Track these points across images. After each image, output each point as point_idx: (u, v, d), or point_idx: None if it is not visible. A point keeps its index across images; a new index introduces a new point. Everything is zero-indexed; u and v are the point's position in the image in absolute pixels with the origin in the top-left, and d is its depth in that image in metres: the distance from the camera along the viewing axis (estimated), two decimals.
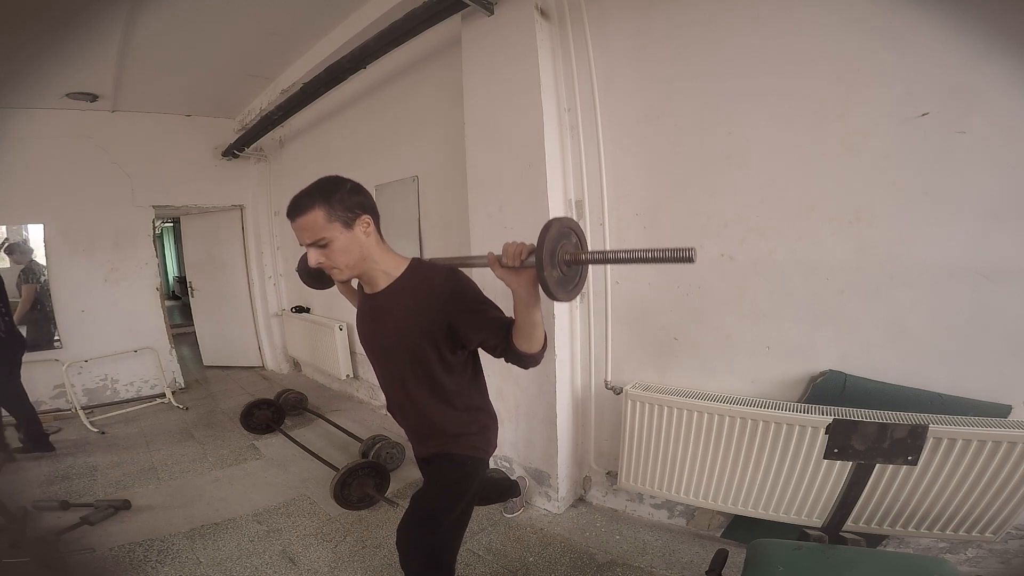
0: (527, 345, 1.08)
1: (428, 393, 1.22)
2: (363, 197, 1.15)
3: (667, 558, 1.87)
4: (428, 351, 1.16)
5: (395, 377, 1.26)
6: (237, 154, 4.42)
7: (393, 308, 1.18)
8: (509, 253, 1.00)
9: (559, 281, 0.98)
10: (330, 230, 1.09)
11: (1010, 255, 1.34)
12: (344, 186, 1.12)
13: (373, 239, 1.16)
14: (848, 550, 1.16)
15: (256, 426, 3.26)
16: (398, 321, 1.17)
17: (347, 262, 1.14)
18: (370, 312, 1.26)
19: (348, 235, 1.11)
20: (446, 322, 1.12)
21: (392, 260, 1.21)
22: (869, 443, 1.19)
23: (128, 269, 4.19)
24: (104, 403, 4.04)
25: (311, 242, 1.10)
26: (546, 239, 0.94)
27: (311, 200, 1.08)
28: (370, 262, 1.17)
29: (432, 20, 2.14)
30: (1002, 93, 1.29)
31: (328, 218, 1.08)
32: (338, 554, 1.96)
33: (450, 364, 1.20)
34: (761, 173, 1.69)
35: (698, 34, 1.75)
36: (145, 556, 1.97)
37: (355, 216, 1.12)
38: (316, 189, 1.10)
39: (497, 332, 1.12)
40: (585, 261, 1.02)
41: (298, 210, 1.09)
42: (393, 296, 1.19)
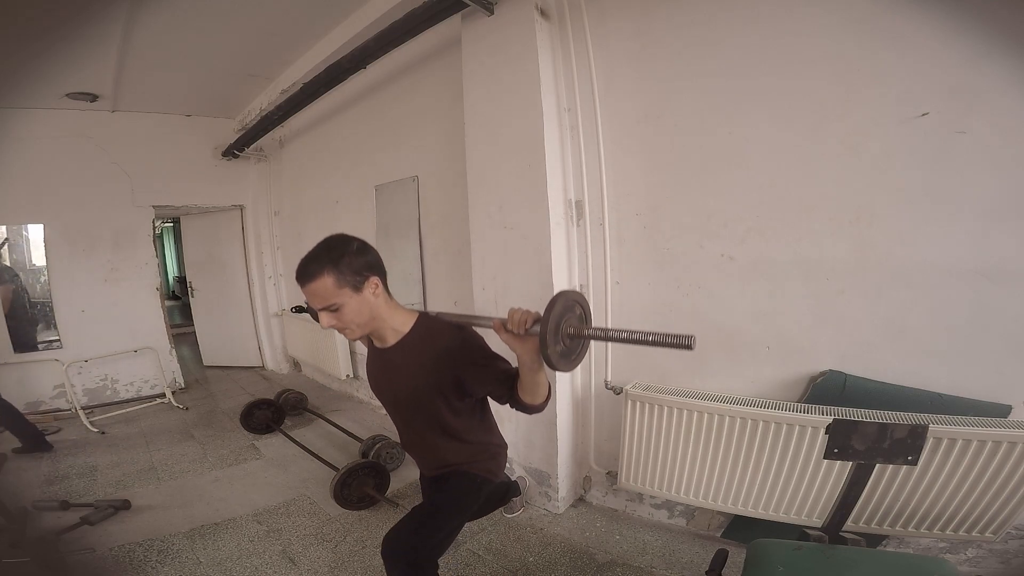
0: (531, 398, 1.15)
1: (439, 433, 1.30)
2: (370, 257, 1.16)
3: (667, 558, 1.87)
4: (437, 401, 1.23)
5: (406, 421, 1.35)
6: (237, 154, 4.42)
7: (403, 363, 1.23)
8: (514, 320, 1.03)
9: (562, 354, 1.02)
10: (340, 296, 1.10)
11: (1010, 255, 1.34)
12: (351, 248, 1.13)
13: (382, 298, 1.19)
14: (848, 550, 1.16)
15: (256, 426, 3.26)
16: (408, 376, 1.23)
17: (358, 323, 1.16)
18: (381, 365, 1.31)
19: (358, 298, 1.13)
20: (454, 376, 1.19)
21: (400, 316, 1.24)
22: (869, 443, 1.19)
23: (128, 269, 4.19)
24: (104, 403, 4.04)
25: (322, 307, 1.12)
26: (551, 315, 0.96)
27: (319, 266, 1.09)
28: (380, 320, 1.20)
29: (432, 20, 2.14)
30: (1002, 93, 1.29)
31: (338, 284, 1.09)
32: (338, 554, 1.96)
33: (458, 409, 1.27)
34: (761, 173, 1.69)
35: (698, 34, 1.76)
36: (145, 556, 1.97)
37: (364, 279, 1.13)
38: (323, 253, 1.10)
39: (502, 384, 1.18)
40: (587, 337, 1.04)
41: (307, 277, 1.10)
42: (403, 352, 1.24)
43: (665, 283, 1.95)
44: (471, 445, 1.34)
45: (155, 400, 4.09)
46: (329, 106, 3.63)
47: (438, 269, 2.92)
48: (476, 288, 2.32)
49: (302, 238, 4.49)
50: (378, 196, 3.35)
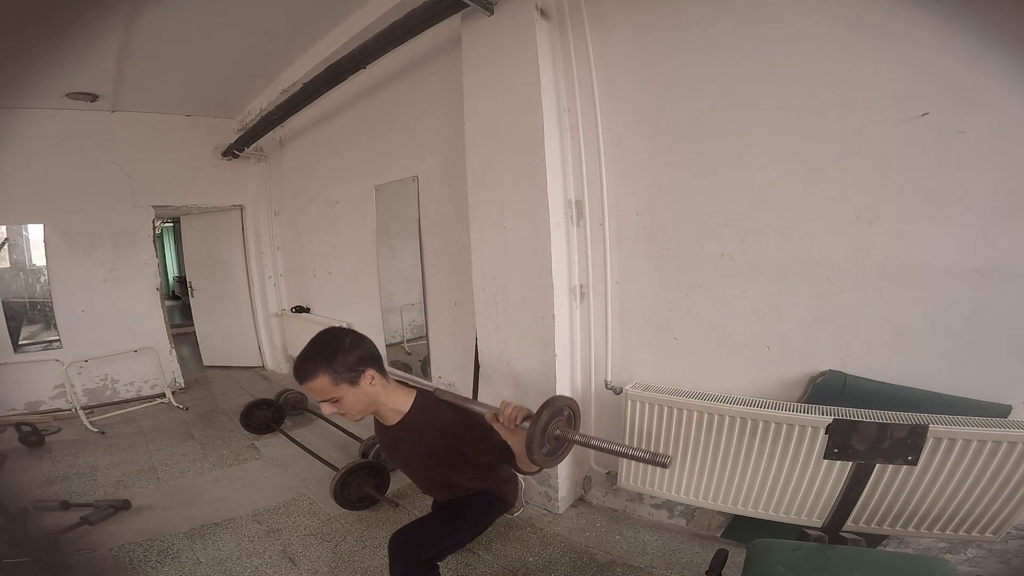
0: (526, 468, 1.26)
1: (453, 487, 1.47)
2: (362, 350, 1.24)
3: (667, 558, 1.87)
4: (446, 468, 1.39)
5: (421, 479, 1.53)
6: (237, 154, 4.42)
7: (408, 439, 1.36)
8: (505, 415, 1.15)
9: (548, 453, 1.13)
10: (338, 391, 1.20)
11: (1010, 255, 1.34)
12: (343, 345, 1.21)
13: (379, 386, 1.28)
14: (848, 550, 1.16)
15: (256, 426, 3.26)
16: (416, 452, 1.39)
17: (358, 409, 1.27)
18: (389, 440, 1.42)
19: (356, 391, 1.23)
20: (458, 452, 1.32)
21: (398, 398, 1.34)
22: (869, 443, 1.19)
23: (128, 269, 4.19)
24: (104, 403, 4.04)
25: (322, 400, 1.22)
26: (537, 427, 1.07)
27: (314, 367, 1.17)
28: (379, 404, 1.31)
29: (432, 20, 2.14)
30: (1002, 93, 1.29)
31: (333, 382, 1.18)
32: (338, 554, 1.96)
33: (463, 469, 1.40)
34: (761, 173, 1.69)
35: (698, 34, 1.75)
36: (145, 556, 1.97)
37: (359, 373, 1.22)
38: (317, 354, 1.19)
39: (501, 455, 1.28)
40: (571, 441, 1.13)
41: (304, 376, 1.18)
42: (407, 429, 1.35)
43: (665, 283, 1.95)
44: (485, 480, 1.48)
45: (155, 400, 4.09)
46: (329, 106, 3.63)
47: (438, 269, 2.92)
48: (476, 288, 2.32)
49: (302, 238, 4.50)
50: (378, 196, 3.35)
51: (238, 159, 4.55)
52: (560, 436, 1.13)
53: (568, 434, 1.13)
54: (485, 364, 2.37)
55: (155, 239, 4.44)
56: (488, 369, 2.36)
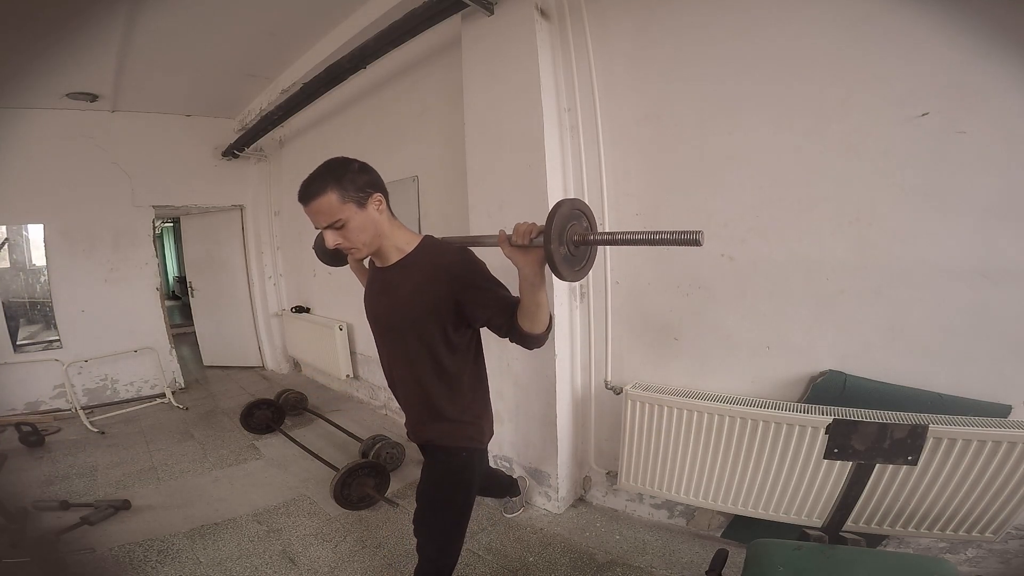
0: (531, 325, 1.10)
1: (430, 371, 1.24)
2: (372, 176, 1.18)
3: (667, 558, 1.87)
4: (434, 327, 1.18)
5: (398, 353, 1.28)
6: (237, 154, 4.42)
7: (402, 282, 1.21)
8: (519, 232, 1.04)
9: (565, 259, 1.01)
10: (345, 211, 1.12)
11: (1010, 255, 1.34)
12: (352, 166, 1.14)
13: (385, 216, 1.20)
14: (848, 550, 1.16)
15: (256, 426, 3.26)
16: (406, 295, 1.19)
17: (364, 240, 1.17)
18: (379, 285, 1.29)
19: (363, 214, 1.14)
20: (453, 299, 1.15)
21: (404, 236, 1.24)
22: (869, 443, 1.19)
23: (128, 269, 4.19)
24: (104, 403, 4.04)
25: (327, 224, 1.12)
26: (556, 216, 0.96)
27: (323, 183, 1.10)
28: (384, 238, 1.21)
29: (432, 20, 2.14)
30: (1002, 93, 1.29)
31: (341, 199, 1.11)
32: (338, 554, 1.96)
33: (454, 344, 1.22)
34: (761, 173, 1.69)
35: (698, 34, 1.75)
36: (145, 556, 1.97)
37: (367, 195, 1.15)
38: (327, 171, 1.12)
39: (503, 311, 1.13)
40: (593, 242, 1.04)
41: (310, 194, 1.11)
42: (403, 270, 1.22)
43: (665, 283, 1.95)
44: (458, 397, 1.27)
45: (155, 400, 4.09)
46: (329, 106, 3.63)
47: None
48: None
49: (302, 238, 4.49)
50: None
51: (238, 159, 4.54)
52: (580, 240, 1.02)
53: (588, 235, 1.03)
54: None
55: (155, 239, 4.43)
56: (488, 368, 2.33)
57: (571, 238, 1.01)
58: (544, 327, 1.13)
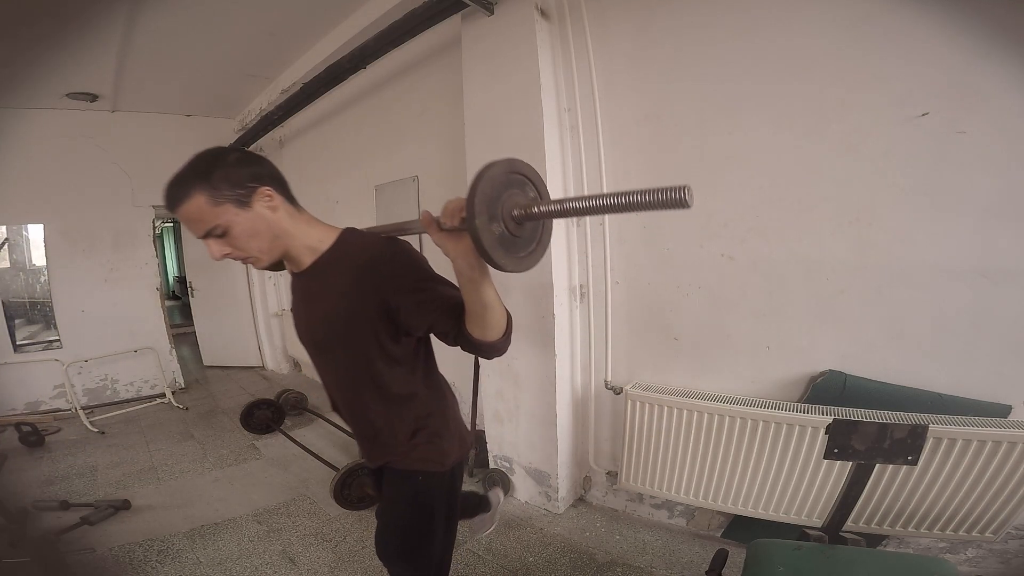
0: (481, 331, 0.88)
1: (370, 390, 1.03)
2: (256, 166, 0.93)
3: (667, 558, 1.87)
4: (365, 340, 0.97)
5: (332, 371, 1.09)
6: None
7: (321, 290, 0.99)
8: (448, 211, 0.77)
9: (502, 241, 0.73)
10: (221, 215, 0.88)
11: (1010, 255, 1.34)
12: (226, 159, 0.90)
13: (283, 212, 0.95)
14: (848, 550, 1.16)
15: (256, 426, 3.26)
16: (328, 305, 0.97)
17: (259, 247, 0.94)
18: (298, 295, 1.08)
19: (248, 215, 0.90)
20: (384, 304, 0.92)
21: (316, 232, 1.00)
22: (869, 443, 1.19)
23: (128, 269, 4.19)
24: (104, 403, 4.04)
25: (204, 234, 0.90)
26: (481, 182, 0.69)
27: (186, 185, 0.87)
28: (288, 239, 0.97)
29: (432, 20, 2.14)
30: (1002, 93, 1.29)
31: (213, 201, 0.86)
32: (338, 554, 1.96)
33: (394, 356, 1.00)
34: (761, 173, 1.69)
35: (698, 34, 1.75)
36: (145, 556, 1.97)
37: (250, 191, 0.90)
38: (190, 169, 0.88)
39: (447, 315, 0.91)
40: (542, 214, 0.74)
41: (174, 199, 0.88)
42: (319, 275, 0.99)
43: (665, 283, 1.95)
44: (408, 419, 1.06)
45: (155, 400, 4.09)
46: (329, 106, 3.63)
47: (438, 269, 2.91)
48: None
49: None
50: (378, 196, 3.34)
51: None
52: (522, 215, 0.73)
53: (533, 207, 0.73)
54: (485, 364, 2.37)
55: (155, 239, 4.44)
56: (488, 368, 2.36)
57: (509, 212, 0.74)
58: (499, 332, 0.91)
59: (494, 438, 2.41)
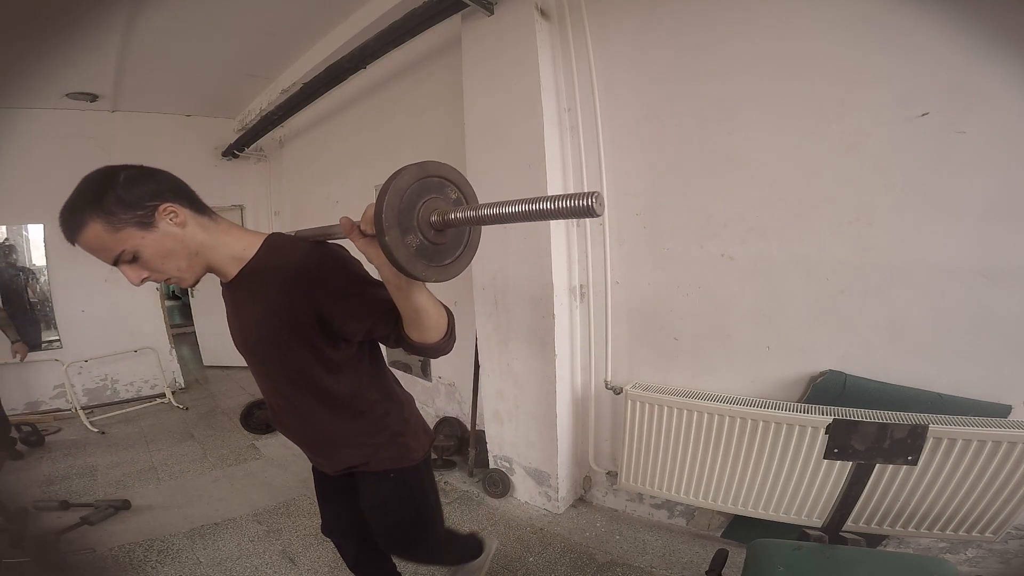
0: (419, 335, 0.84)
1: (314, 400, 1.00)
2: (151, 183, 0.86)
3: (667, 558, 1.87)
4: (301, 350, 0.93)
5: (270, 383, 1.05)
6: (237, 154, 4.42)
7: (248, 300, 0.95)
8: (367, 218, 0.71)
9: (421, 251, 0.68)
10: (125, 240, 0.82)
11: (1010, 255, 1.34)
12: (116, 179, 0.83)
13: (194, 225, 0.89)
14: (848, 550, 1.16)
15: (256, 426, 3.26)
16: (256, 315, 0.93)
17: (176, 266, 0.88)
18: (229, 305, 1.04)
19: (155, 236, 0.84)
20: (315, 313, 0.88)
21: (238, 241, 0.95)
22: (869, 443, 1.19)
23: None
24: (104, 403, 4.04)
25: (112, 261, 0.84)
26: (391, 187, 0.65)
27: (78, 214, 0.81)
28: (207, 252, 0.92)
29: (432, 20, 2.14)
30: (1002, 93, 1.29)
31: (111, 227, 0.81)
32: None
33: (334, 362, 0.96)
34: (761, 173, 1.69)
35: (699, 34, 1.75)
36: (145, 556, 1.97)
37: (150, 210, 0.84)
38: (78, 196, 0.82)
39: (383, 319, 0.87)
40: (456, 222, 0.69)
41: (70, 231, 0.82)
42: (247, 285, 0.95)
43: (665, 283, 1.95)
44: (360, 422, 1.04)
45: (155, 400, 4.09)
46: (329, 106, 3.63)
47: None
48: (476, 288, 2.32)
49: None
50: None
51: (238, 159, 4.55)
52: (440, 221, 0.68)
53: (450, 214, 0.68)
54: (485, 364, 2.37)
55: None
56: (488, 369, 2.36)
57: (427, 219, 0.69)
58: (439, 334, 0.85)
59: (494, 438, 2.41)
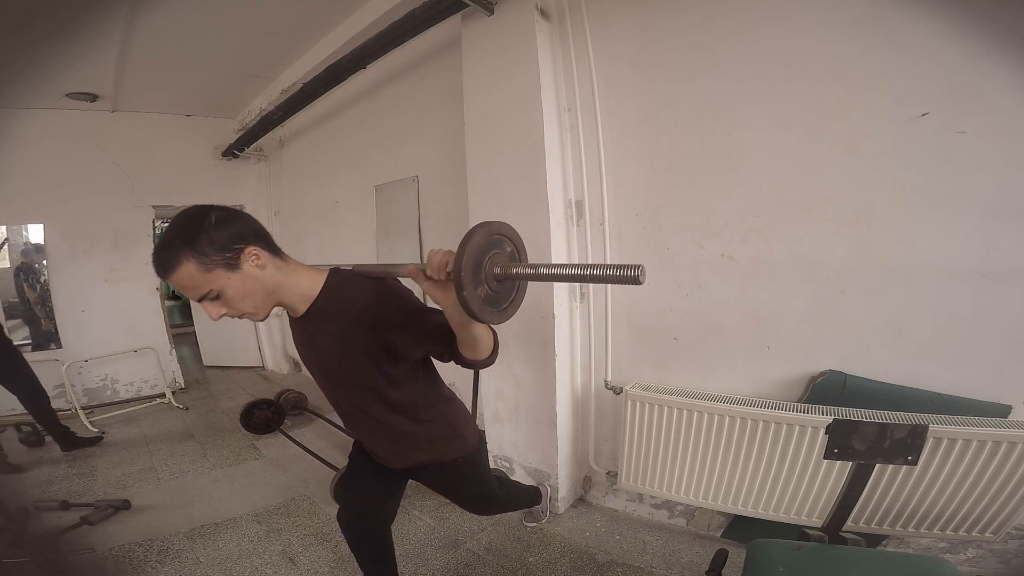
0: (472, 354, 1.01)
1: (383, 408, 1.14)
2: (238, 225, 0.95)
3: (667, 558, 1.87)
4: (369, 372, 1.06)
5: (345, 399, 1.18)
6: (237, 154, 4.42)
7: (319, 334, 1.07)
8: (433, 264, 0.85)
9: (488, 300, 0.84)
10: (214, 280, 0.91)
11: (1010, 255, 1.34)
12: (207, 220, 0.92)
13: (271, 268, 0.99)
14: (848, 550, 1.16)
15: (256, 426, 3.26)
16: (330, 348, 1.06)
17: (253, 304, 0.99)
18: (301, 337, 1.14)
19: (239, 277, 0.94)
20: (381, 342, 1.01)
21: (305, 280, 1.05)
22: (869, 443, 1.18)
23: (128, 269, 4.19)
24: (104, 403, 4.04)
25: (199, 298, 0.94)
26: (467, 251, 0.79)
27: (175, 253, 0.89)
28: (281, 291, 1.02)
29: (432, 20, 2.14)
30: (1002, 93, 1.29)
31: (203, 268, 0.90)
32: (338, 554, 1.96)
33: (395, 379, 1.10)
34: (761, 173, 1.69)
35: (699, 34, 1.75)
36: (145, 556, 1.97)
37: (236, 252, 0.93)
38: (175, 236, 0.90)
39: (439, 341, 1.02)
40: (517, 276, 0.85)
41: (164, 268, 0.90)
42: (316, 321, 1.06)
43: (665, 283, 1.95)
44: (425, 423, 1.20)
45: (155, 400, 4.09)
46: (329, 106, 3.63)
47: None
48: None
49: (302, 238, 4.49)
50: (378, 196, 3.34)
51: (238, 159, 4.55)
52: (502, 274, 0.84)
53: (511, 269, 0.84)
54: None
55: (155, 239, 4.43)
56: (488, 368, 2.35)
57: (491, 271, 0.84)
58: (488, 352, 1.02)
59: (494, 438, 2.41)
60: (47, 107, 3.70)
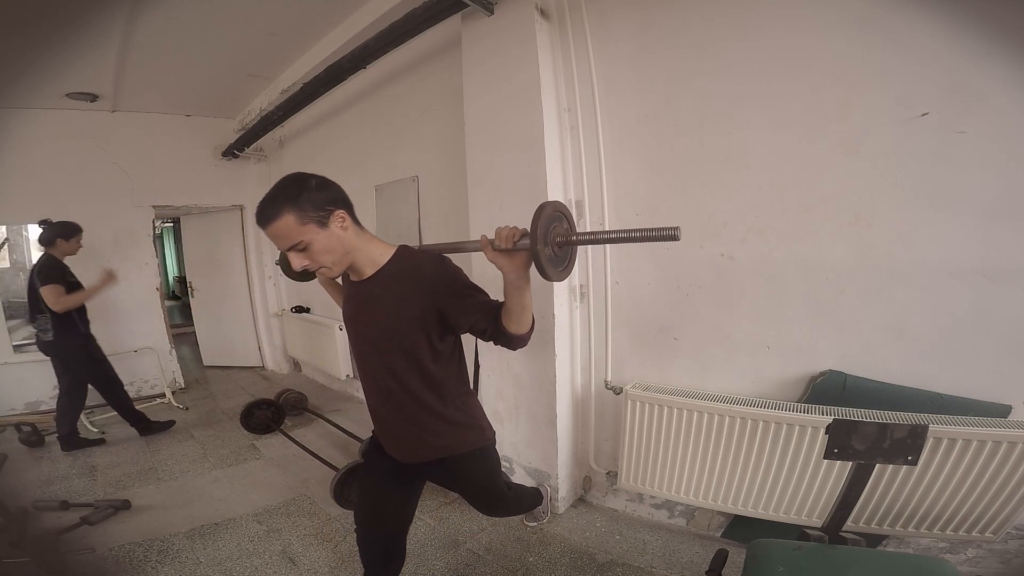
0: (516, 327, 1.12)
1: (419, 382, 1.22)
2: (332, 192, 1.13)
3: (667, 558, 1.87)
4: (419, 338, 1.17)
5: (383, 366, 1.23)
6: (237, 154, 4.42)
7: (382, 295, 1.18)
8: (502, 236, 1.05)
9: (551, 259, 1.05)
10: (305, 233, 1.07)
11: (1010, 255, 1.34)
12: (310, 184, 1.09)
13: (352, 231, 1.15)
14: (848, 550, 1.16)
15: (256, 426, 3.26)
16: (388, 308, 1.17)
17: (332, 260, 1.13)
18: (358, 299, 1.25)
19: (326, 234, 1.10)
20: (437, 308, 1.14)
21: (377, 248, 1.21)
22: (869, 443, 1.18)
23: (128, 269, 4.18)
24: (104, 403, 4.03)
25: (289, 247, 1.09)
26: (540, 218, 1.01)
27: (278, 206, 1.05)
28: (355, 253, 1.17)
29: (432, 20, 2.14)
30: (1002, 93, 1.29)
31: (300, 221, 1.06)
32: (338, 554, 1.96)
33: (438, 352, 1.21)
34: (761, 173, 1.69)
35: (698, 34, 1.75)
36: (145, 556, 1.97)
37: (328, 213, 1.10)
38: (280, 192, 1.07)
39: (486, 315, 1.14)
40: (575, 242, 1.11)
41: (266, 218, 1.06)
42: (381, 283, 1.19)
43: (665, 283, 1.95)
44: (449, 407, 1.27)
45: (155, 400, 4.08)
46: (329, 106, 3.63)
47: None
48: None
49: None
50: (378, 196, 3.35)
51: (238, 159, 4.54)
52: (563, 241, 1.08)
53: (570, 236, 1.09)
54: (485, 364, 2.37)
55: (155, 239, 4.44)
56: (488, 368, 2.36)
57: (554, 239, 1.06)
58: (529, 327, 1.15)
59: None
60: (47, 107, 3.70)
